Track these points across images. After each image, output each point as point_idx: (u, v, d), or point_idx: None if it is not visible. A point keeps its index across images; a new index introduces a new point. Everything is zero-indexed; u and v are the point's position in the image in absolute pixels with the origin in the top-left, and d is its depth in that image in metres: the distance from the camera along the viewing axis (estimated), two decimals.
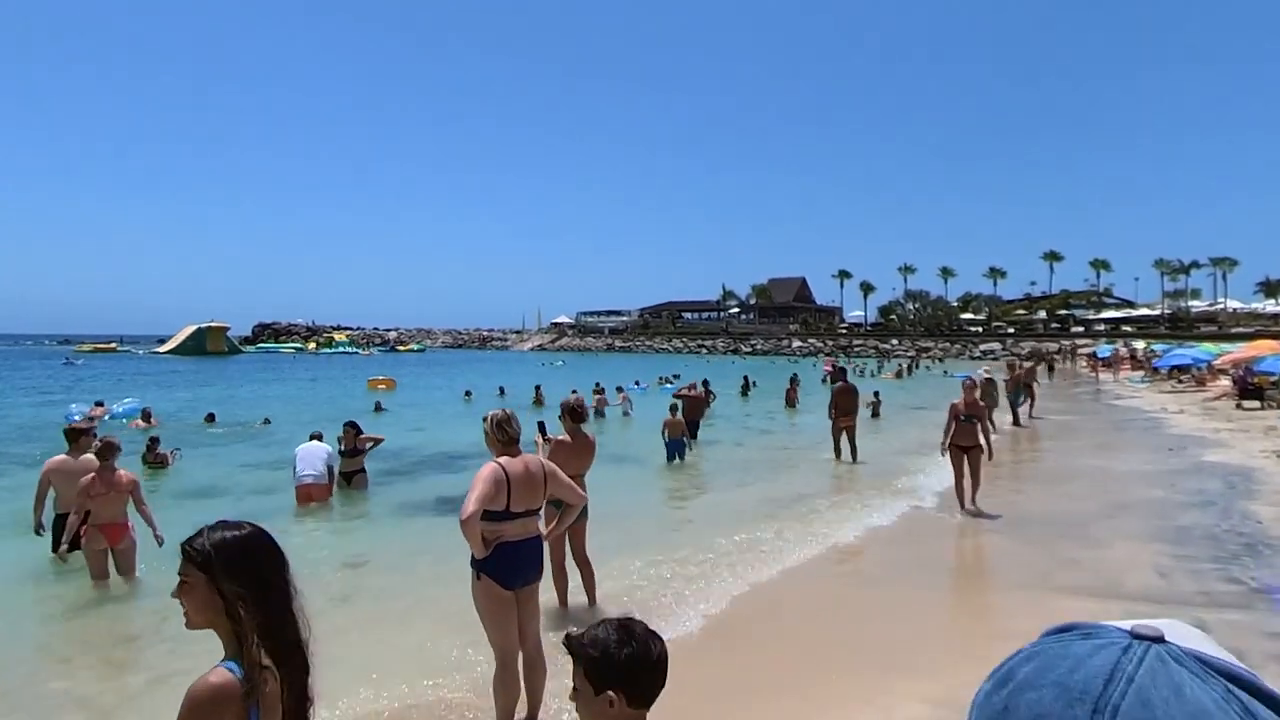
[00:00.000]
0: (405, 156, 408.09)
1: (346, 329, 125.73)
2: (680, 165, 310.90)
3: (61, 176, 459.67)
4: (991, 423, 21.55)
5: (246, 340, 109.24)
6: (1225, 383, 28.57)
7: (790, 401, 26.79)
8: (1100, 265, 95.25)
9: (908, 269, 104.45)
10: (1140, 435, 17.98)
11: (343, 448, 11.88)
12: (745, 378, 34.41)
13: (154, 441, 14.70)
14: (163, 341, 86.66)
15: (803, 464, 14.92)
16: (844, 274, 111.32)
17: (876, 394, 23.40)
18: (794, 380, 28.29)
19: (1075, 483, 12.30)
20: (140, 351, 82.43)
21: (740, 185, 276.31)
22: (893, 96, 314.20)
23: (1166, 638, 0.57)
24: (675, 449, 15.44)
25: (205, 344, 77.79)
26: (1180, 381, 33.32)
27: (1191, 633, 0.60)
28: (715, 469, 14.93)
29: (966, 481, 10.08)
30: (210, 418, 21.86)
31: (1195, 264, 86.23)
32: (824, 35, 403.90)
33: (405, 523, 10.59)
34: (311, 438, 11.60)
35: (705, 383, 31.07)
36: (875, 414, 22.86)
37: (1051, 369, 42.90)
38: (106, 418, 21.84)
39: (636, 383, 34.09)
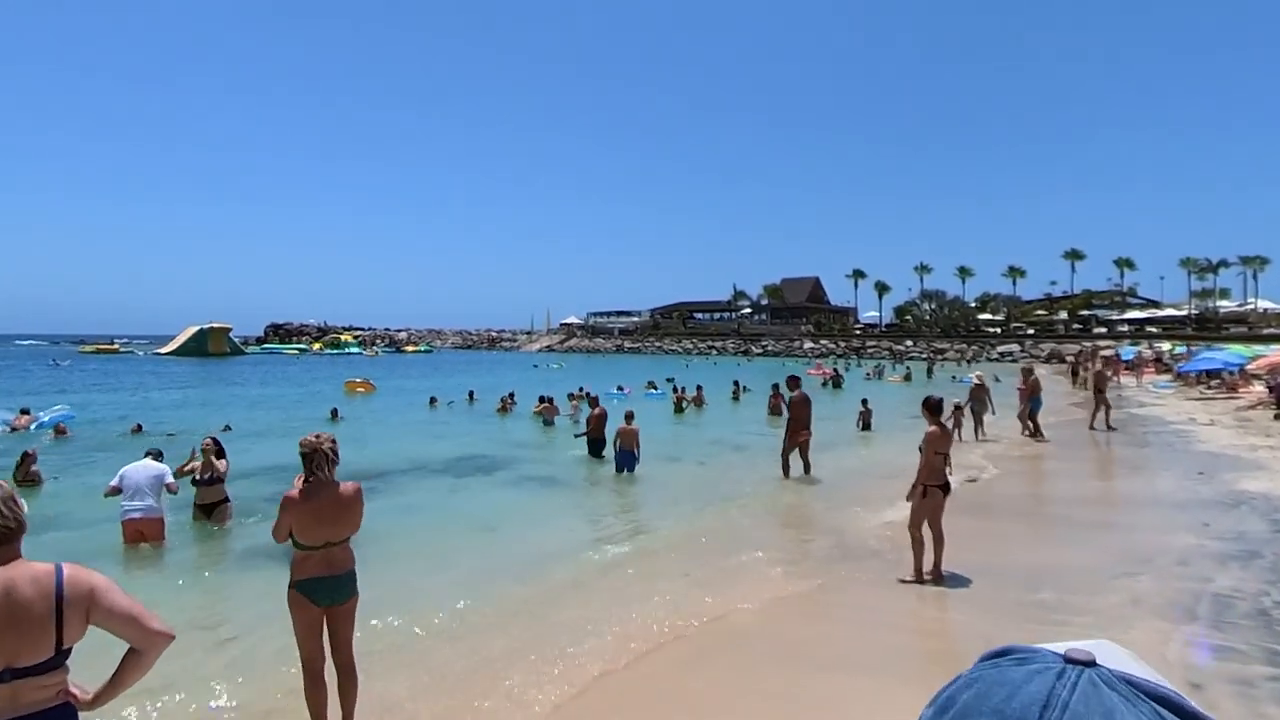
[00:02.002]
0: (417, 158, 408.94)
1: (358, 330, 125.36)
2: (694, 165, 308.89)
3: (75, 180, 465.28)
4: (982, 426, 19.87)
5: (259, 341, 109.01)
6: (1260, 389, 26.17)
7: (774, 410, 24.81)
8: (1124, 264, 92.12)
9: (924, 268, 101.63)
10: (1164, 453, 15.75)
11: (198, 476, 9.97)
12: (736, 383, 32.31)
13: (26, 457, 12.95)
14: (164, 343, 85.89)
15: (747, 493, 12.49)
16: (858, 273, 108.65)
17: (865, 403, 21.28)
18: (777, 388, 26.41)
19: (1081, 520, 10.15)
20: (140, 353, 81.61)
21: (754, 185, 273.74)
22: (909, 93, 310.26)
23: (1098, 660, 0.59)
24: (625, 460, 13.91)
25: (207, 345, 76.86)
26: (1209, 387, 30.85)
27: (1121, 653, 0.61)
28: (643, 496, 12.82)
29: (927, 534, 7.68)
30: (137, 428, 20.13)
31: (1224, 262, 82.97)
32: (840, 34, 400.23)
33: (265, 571, 8.59)
34: (146, 455, 9.53)
35: (699, 388, 29.42)
36: (865, 425, 20.78)
37: (1075, 374, 38.68)
38: (32, 427, 20.30)
39: (619, 388, 32.12)
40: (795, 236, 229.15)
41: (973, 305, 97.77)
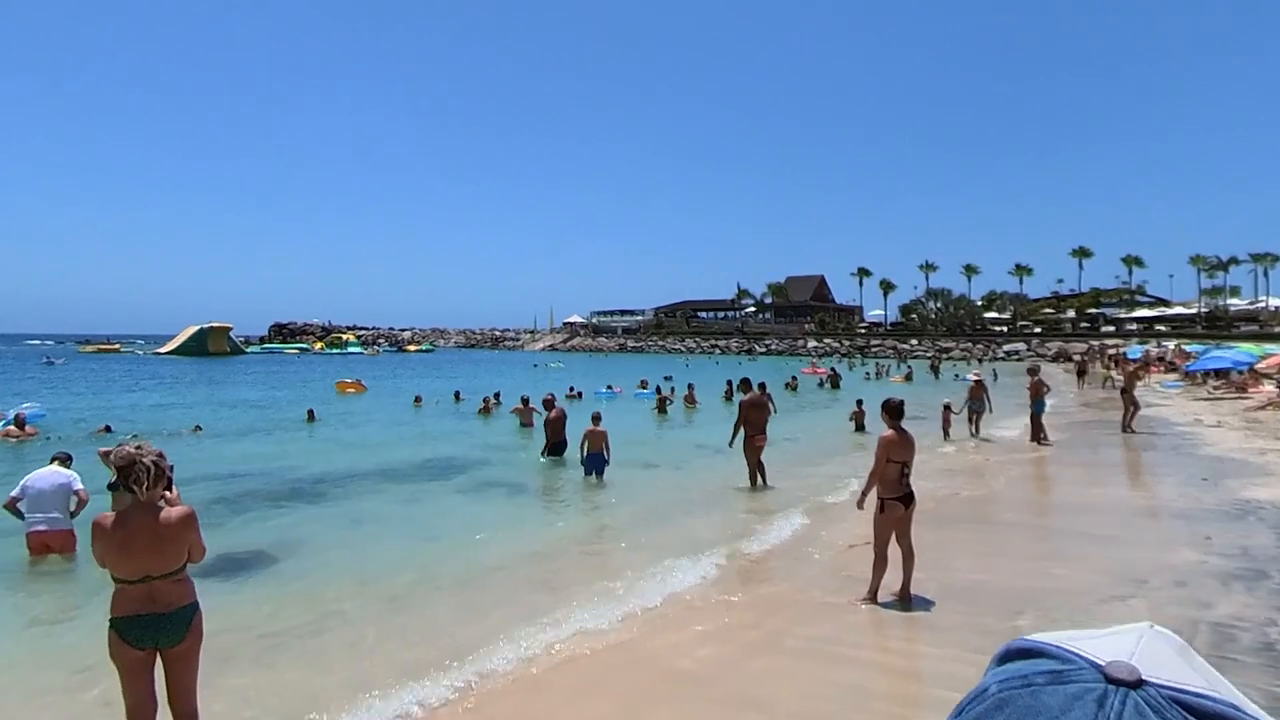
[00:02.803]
0: (423, 159, 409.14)
1: (362, 329, 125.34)
2: (698, 164, 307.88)
3: (83, 181, 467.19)
4: (975, 427, 19.17)
5: (263, 340, 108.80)
6: (1270, 388, 25.27)
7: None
8: (1132, 261, 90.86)
9: (929, 266, 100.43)
10: (1167, 457, 14.92)
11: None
12: (729, 382, 31.50)
13: None
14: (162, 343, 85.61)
15: (714, 504, 11.65)
16: (863, 271, 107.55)
17: (860, 403, 20.48)
18: (731, 385, 25.88)
19: (1073, 531, 9.36)
20: (140, 352, 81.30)
21: (760, 183, 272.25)
22: (916, 91, 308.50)
23: (1144, 675, 0.52)
24: (593, 464, 13.25)
25: (207, 344, 76.53)
26: (1217, 387, 29.91)
27: (1167, 649, 0.55)
28: (604, 505, 11.90)
29: (896, 550, 6.90)
30: (105, 429, 19.50)
31: (1234, 260, 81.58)
32: (847, 31, 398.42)
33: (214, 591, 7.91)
34: (54, 460, 8.72)
35: (691, 388, 28.71)
36: (859, 427, 19.99)
37: (1082, 374, 37.36)
38: None
39: (609, 386, 31.39)
40: (801, 235, 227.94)
41: (979, 303, 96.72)
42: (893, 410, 7.22)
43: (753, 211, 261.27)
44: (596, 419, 13.57)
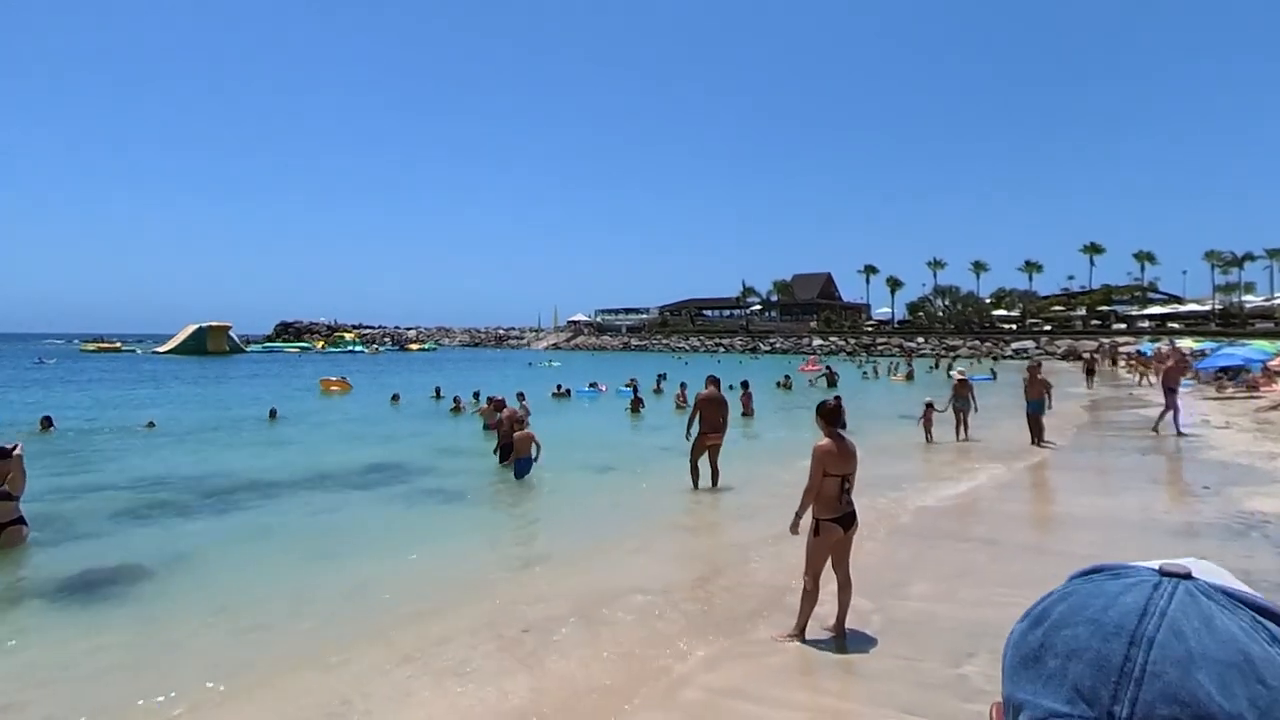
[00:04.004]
0: (428, 157, 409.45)
1: (368, 328, 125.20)
2: (704, 161, 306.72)
3: (90, 182, 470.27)
4: (966, 426, 18.11)
5: (268, 339, 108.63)
6: None
7: (680, 407, 23.89)
8: (1145, 258, 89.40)
9: (937, 263, 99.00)
10: (1169, 461, 13.79)
11: None
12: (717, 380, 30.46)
13: None
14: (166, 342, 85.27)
15: (653, 517, 10.57)
16: (870, 269, 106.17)
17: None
18: (684, 387, 25.06)
19: (1051, 551, 8.28)
20: (139, 351, 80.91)
21: (767, 181, 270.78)
22: (923, 86, 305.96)
23: (1194, 574, 0.61)
24: (521, 468, 12.57)
25: (205, 343, 76.15)
26: (1221, 386, 28.56)
27: (1217, 569, 0.64)
28: (535, 518, 11.00)
29: (832, 579, 5.92)
30: (46, 422, 18.68)
31: (1249, 256, 79.99)
32: (854, 27, 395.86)
33: (52, 611, 6.94)
34: None
35: (683, 386, 27.71)
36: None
37: (1091, 373, 35.35)
38: None
39: (592, 384, 30.38)
40: (808, 233, 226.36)
41: (987, 301, 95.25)
42: (828, 414, 6.19)
43: (760, 209, 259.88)
44: (521, 422, 12.83)
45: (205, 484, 12.44)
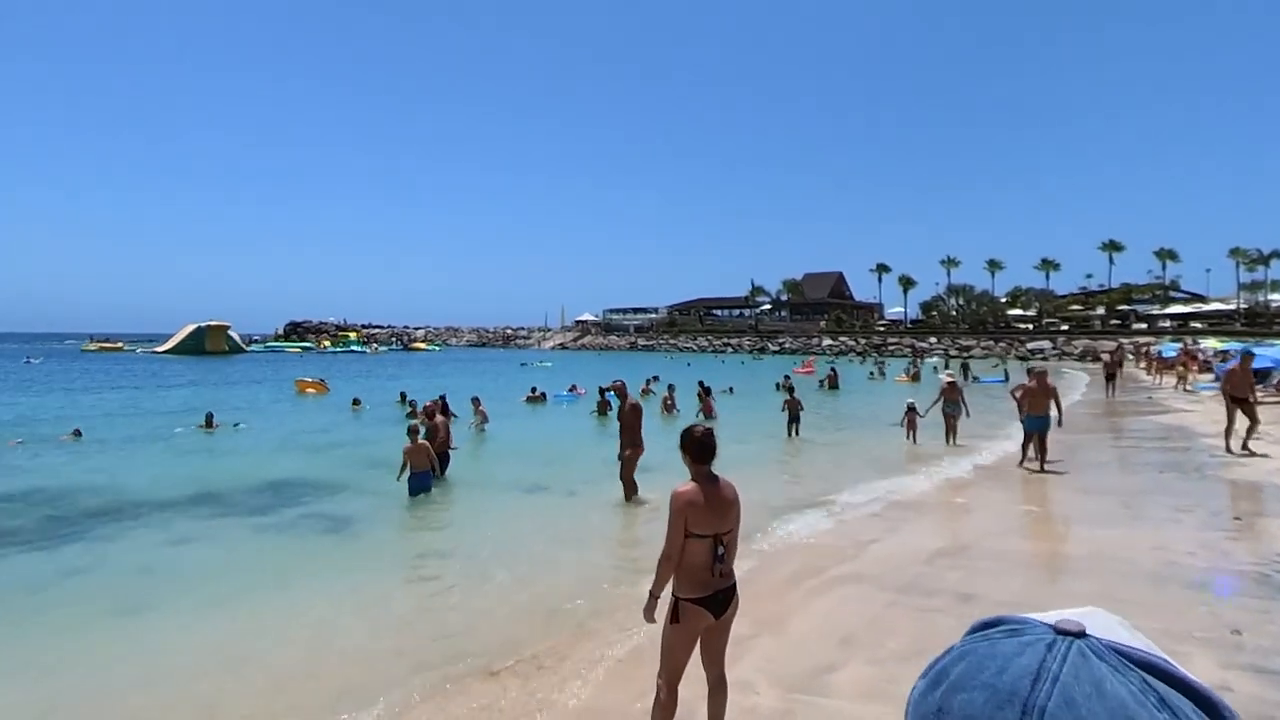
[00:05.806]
0: (440, 157, 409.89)
1: (376, 328, 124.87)
2: (715, 160, 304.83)
3: (97, 183, 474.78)
4: (955, 431, 16.49)
5: (277, 338, 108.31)
6: None
7: (602, 412, 22.94)
8: (1166, 255, 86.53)
9: (951, 262, 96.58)
10: (1188, 482, 11.83)
11: None
12: (701, 384, 28.68)
13: None
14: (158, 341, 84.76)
15: (572, 542, 9.17)
16: (882, 268, 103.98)
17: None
18: (603, 391, 23.65)
19: (1033, 608, 6.40)
20: (138, 351, 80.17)
21: (777, 179, 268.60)
22: (937, 82, 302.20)
23: (1087, 630, 0.60)
24: (420, 484, 11.29)
25: (204, 343, 75.46)
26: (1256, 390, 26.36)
27: (1111, 621, 0.63)
28: (438, 550, 9.36)
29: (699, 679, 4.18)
30: None
31: (1276, 253, 77.02)
32: (861, 22, 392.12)
33: None
34: None
35: (671, 389, 26.09)
36: (795, 430, 18.41)
37: (1111, 379, 30.63)
38: None
39: (571, 388, 28.66)
40: (819, 231, 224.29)
41: (1002, 300, 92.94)
42: (694, 448, 4.32)
43: (769, 208, 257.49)
44: (413, 433, 11.39)
45: (65, 502, 10.92)
